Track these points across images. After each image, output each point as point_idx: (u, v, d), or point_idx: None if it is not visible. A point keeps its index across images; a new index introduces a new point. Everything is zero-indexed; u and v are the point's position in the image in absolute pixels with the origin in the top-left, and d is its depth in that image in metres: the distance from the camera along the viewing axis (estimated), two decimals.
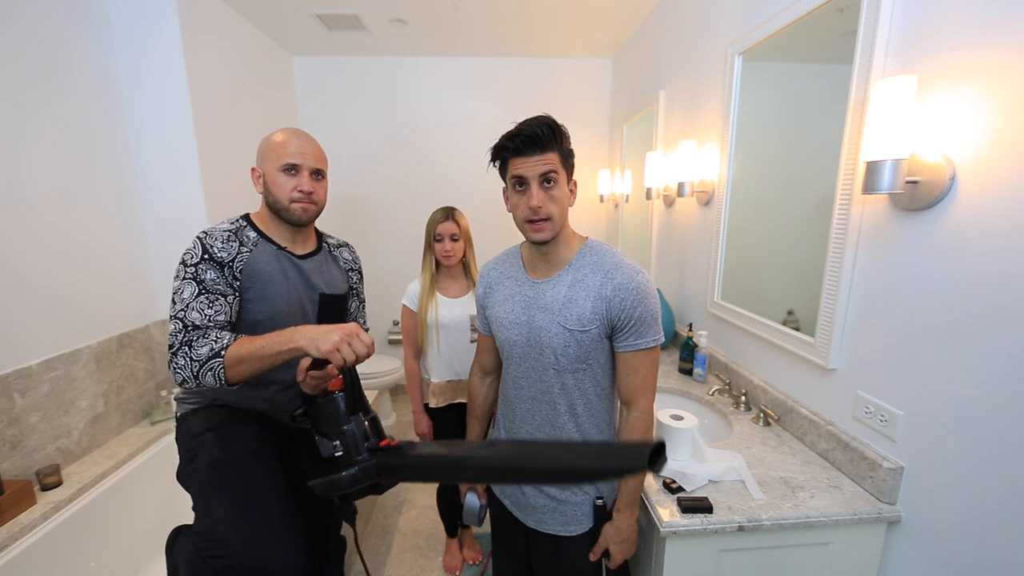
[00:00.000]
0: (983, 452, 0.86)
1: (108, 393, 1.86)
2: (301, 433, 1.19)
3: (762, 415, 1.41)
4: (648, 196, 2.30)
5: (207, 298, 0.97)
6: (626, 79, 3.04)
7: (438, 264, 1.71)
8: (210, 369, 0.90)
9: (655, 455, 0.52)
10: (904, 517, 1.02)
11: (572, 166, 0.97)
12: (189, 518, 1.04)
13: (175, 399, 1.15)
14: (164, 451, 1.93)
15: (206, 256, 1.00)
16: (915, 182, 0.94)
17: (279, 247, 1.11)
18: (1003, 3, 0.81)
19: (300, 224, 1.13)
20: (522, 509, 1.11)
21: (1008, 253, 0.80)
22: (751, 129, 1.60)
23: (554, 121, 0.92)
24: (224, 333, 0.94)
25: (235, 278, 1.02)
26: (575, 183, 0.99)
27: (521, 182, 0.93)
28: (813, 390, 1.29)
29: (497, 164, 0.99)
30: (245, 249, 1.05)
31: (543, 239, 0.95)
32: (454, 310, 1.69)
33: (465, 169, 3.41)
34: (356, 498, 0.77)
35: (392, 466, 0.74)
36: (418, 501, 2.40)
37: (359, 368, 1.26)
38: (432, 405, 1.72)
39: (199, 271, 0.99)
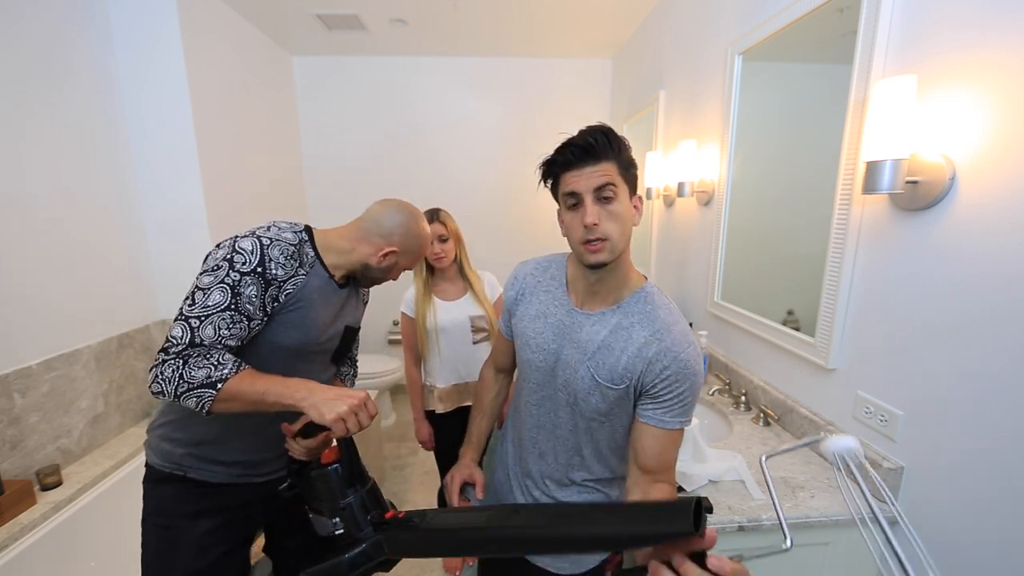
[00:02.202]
0: (983, 452, 0.86)
1: (108, 393, 1.86)
2: (274, 497, 1.04)
3: (762, 415, 1.42)
4: (648, 196, 2.31)
5: (232, 316, 0.86)
6: (626, 79, 3.04)
7: (432, 268, 1.69)
8: (197, 396, 0.80)
9: (697, 515, 0.46)
10: (904, 517, 1.01)
11: (635, 178, 0.85)
12: None
13: (146, 443, 1.07)
14: None
15: (259, 268, 0.88)
16: (915, 182, 0.94)
17: (329, 275, 1.05)
18: (1003, 3, 0.81)
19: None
20: None
21: (1008, 253, 0.80)
22: (751, 129, 1.60)
23: (610, 129, 0.82)
24: (227, 358, 0.84)
25: (276, 299, 0.93)
26: (640, 199, 0.86)
27: (574, 198, 0.81)
28: (813, 390, 1.29)
29: (549, 184, 0.87)
30: (303, 271, 0.96)
31: (600, 261, 0.81)
32: (452, 313, 1.67)
33: (465, 169, 3.41)
34: None
35: (403, 541, 0.66)
36: (418, 501, 2.40)
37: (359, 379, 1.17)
38: (440, 411, 1.70)
39: (243, 283, 0.87)
